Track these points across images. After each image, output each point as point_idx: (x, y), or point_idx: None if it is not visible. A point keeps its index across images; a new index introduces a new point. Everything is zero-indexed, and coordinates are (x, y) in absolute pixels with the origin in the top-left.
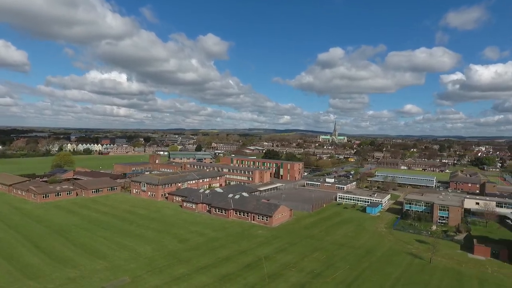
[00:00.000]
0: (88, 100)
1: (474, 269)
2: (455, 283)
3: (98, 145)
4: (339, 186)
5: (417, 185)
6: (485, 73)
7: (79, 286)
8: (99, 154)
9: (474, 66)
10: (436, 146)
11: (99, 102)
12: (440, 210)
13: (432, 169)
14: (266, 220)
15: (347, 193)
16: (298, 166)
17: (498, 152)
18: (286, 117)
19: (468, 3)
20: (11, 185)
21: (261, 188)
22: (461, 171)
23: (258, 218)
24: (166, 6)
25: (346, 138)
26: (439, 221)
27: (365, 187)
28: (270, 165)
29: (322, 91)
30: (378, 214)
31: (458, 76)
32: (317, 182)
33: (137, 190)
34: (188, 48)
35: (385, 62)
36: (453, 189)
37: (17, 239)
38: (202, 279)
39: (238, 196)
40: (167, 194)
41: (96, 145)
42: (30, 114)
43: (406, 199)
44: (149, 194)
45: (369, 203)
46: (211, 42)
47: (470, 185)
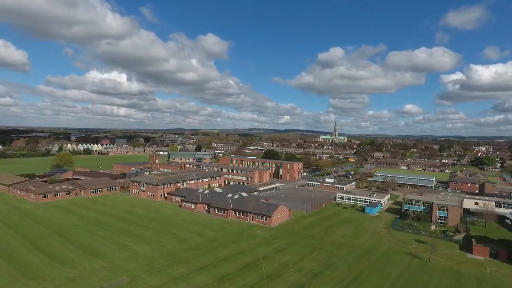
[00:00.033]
0: (88, 100)
1: (473, 269)
2: (454, 283)
3: (98, 145)
4: (339, 186)
5: (416, 185)
6: (485, 73)
7: (78, 286)
8: (99, 154)
9: (474, 66)
10: (436, 146)
11: (99, 102)
12: (439, 210)
13: (431, 169)
14: (265, 220)
15: (347, 193)
16: (298, 166)
17: (498, 152)
18: (286, 117)
19: (468, 3)
20: (11, 185)
21: (260, 188)
22: (460, 171)
23: (257, 218)
24: (166, 6)
25: (346, 138)
26: (438, 221)
27: (364, 187)
28: (269, 165)
29: (322, 91)
30: (377, 214)
31: (458, 76)
32: (316, 182)
33: (136, 190)
34: (188, 48)
35: (385, 62)
36: (452, 189)
37: (16, 239)
38: (201, 279)
39: (237, 196)
40: (166, 194)
41: (96, 145)
42: (30, 114)
43: (405, 199)
44: (148, 194)
45: (368, 203)
46: (211, 42)
47: (469, 185)
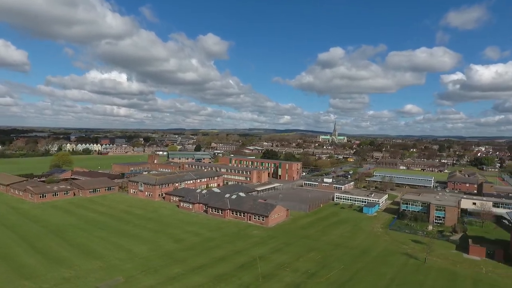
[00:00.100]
0: (88, 100)
1: (469, 269)
2: (449, 284)
3: (98, 145)
4: (337, 186)
5: (415, 185)
6: (485, 73)
7: (74, 286)
8: (98, 154)
9: (474, 66)
10: (435, 146)
11: (99, 102)
12: (436, 210)
13: (431, 169)
14: (262, 220)
15: (345, 193)
16: (297, 166)
17: (497, 152)
18: (286, 117)
19: (468, 3)
20: (9, 185)
21: (258, 188)
22: (459, 171)
23: (254, 218)
24: (166, 6)
25: (346, 138)
26: (436, 221)
27: (363, 187)
28: (268, 165)
29: (322, 91)
30: (375, 214)
31: (459, 76)
32: (315, 182)
33: (134, 190)
34: (188, 47)
35: (385, 62)
36: (451, 189)
37: (13, 239)
38: (197, 279)
39: (235, 196)
40: (164, 194)
41: (95, 145)
42: (30, 114)
43: (402, 199)
44: (146, 194)
45: (366, 203)
46: (211, 41)
47: (467, 185)
